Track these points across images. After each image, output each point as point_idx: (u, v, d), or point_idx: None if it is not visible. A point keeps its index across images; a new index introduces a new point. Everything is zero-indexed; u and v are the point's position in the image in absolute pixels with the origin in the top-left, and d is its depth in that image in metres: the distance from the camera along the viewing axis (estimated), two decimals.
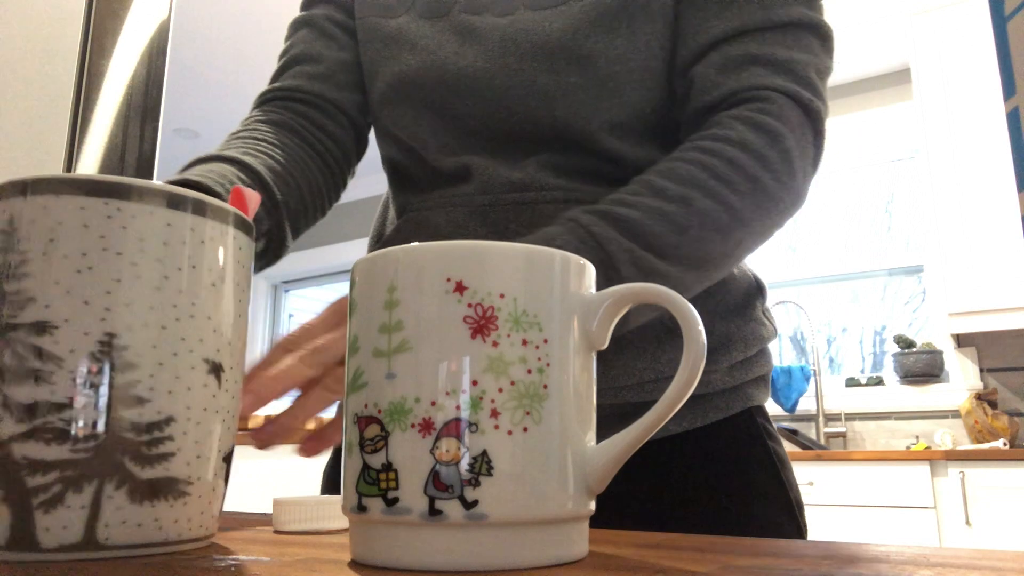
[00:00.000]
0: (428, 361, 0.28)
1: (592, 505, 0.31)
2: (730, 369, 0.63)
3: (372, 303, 0.30)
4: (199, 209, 0.33)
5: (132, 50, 1.26)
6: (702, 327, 0.31)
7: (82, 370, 0.29)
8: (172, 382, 0.31)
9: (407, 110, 0.66)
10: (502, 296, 0.29)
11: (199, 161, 0.59)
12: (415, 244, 0.30)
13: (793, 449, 2.88)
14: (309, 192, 0.67)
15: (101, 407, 0.30)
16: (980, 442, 2.79)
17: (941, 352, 3.10)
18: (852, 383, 3.29)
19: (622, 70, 0.60)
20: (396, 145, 0.70)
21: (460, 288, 0.29)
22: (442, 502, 0.28)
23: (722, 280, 0.64)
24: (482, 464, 0.28)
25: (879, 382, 3.24)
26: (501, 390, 0.28)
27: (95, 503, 0.29)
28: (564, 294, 0.30)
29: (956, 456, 2.49)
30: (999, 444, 2.65)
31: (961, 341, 3.08)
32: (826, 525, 2.60)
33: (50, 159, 1.14)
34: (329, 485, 0.72)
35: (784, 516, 0.62)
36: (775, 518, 0.62)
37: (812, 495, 2.62)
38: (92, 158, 1.18)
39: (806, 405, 3.28)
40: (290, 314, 5.14)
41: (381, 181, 0.77)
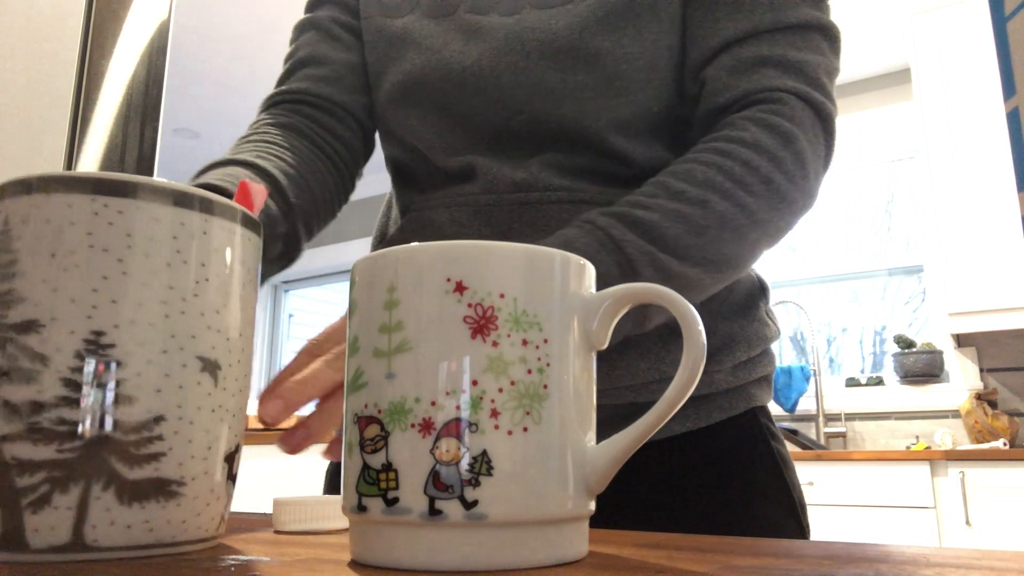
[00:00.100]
0: (428, 361, 0.28)
1: (592, 505, 0.31)
2: (733, 369, 0.63)
3: (372, 303, 0.30)
4: (188, 203, 0.32)
5: (132, 50, 1.26)
6: (702, 327, 0.31)
7: (67, 369, 0.29)
8: (161, 380, 0.31)
9: (412, 110, 0.66)
10: (502, 296, 0.29)
11: (214, 166, 0.59)
12: (415, 244, 0.30)
13: (793, 449, 2.88)
14: (321, 195, 0.67)
15: (86, 406, 0.29)
16: (980, 442, 2.79)
17: (941, 352, 3.11)
18: (852, 383, 3.29)
19: (629, 69, 0.60)
20: (400, 145, 0.70)
21: (460, 288, 0.29)
22: (442, 502, 0.28)
23: None
24: (482, 464, 0.28)
25: (879, 382, 3.24)
26: (501, 390, 0.28)
27: (82, 504, 0.29)
28: (564, 294, 0.30)
29: (956, 456, 2.49)
30: (999, 444, 2.65)
31: (961, 341, 3.08)
32: (826, 525, 2.61)
33: (50, 159, 1.14)
34: (332, 485, 0.72)
35: (787, 517, 0.62)
36: (778, 518, 0.62)
37: (812, 495, 2.63)
38: (92, 158, 1.18)
39: (806, 405, 3.28)
40: (290, 314, 5.14)
41: (381, 181, 0.77)
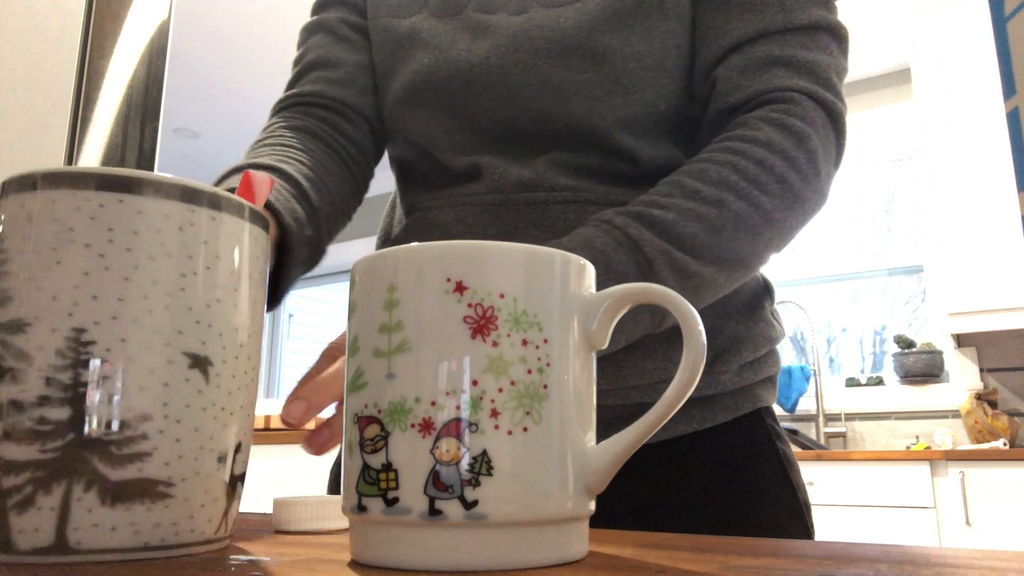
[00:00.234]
0: (428, 361, 0.28)
1: (592, 505, 0.31)
2: (739, 370, 0.63)
3: (372, 303, 0.30)
4: (173, 194, 0.31)
5: (132, 50, 1.26)
6: (702, 328, 0.31)
7: (49, 367, 0.29)
8: (145, 377, 0.30)
9: (419, 109, 0.66)
10: (502, 296, 0.29)
11: (236, 170, 0.59)
12: (415, 244, 0.30)
13: (793, 449, 2.88)
14: (339, 197, 0.66)
15: (68, 405, 0.29)
16: (980, 442, 2.79)
17: (941, 352, 3.11)
18: (852, 383, 3.29)
19: (637, 67, 0.60)
20: (407, 144, 0.70)
21: (460, 288, 0.29)
22: (442, 502, 0.28)
23: None
24: (482, 464, 0.28)
25: (879, 382, 3.24)
26: (501, 390, 0.28)
27: (64, 505, 0.28)
28: (564, 294, 0.30)
29: (956, 456, 2.49)
30: (999, 444, 2.65)
31: (961, 341, 3.08)
32: (826, 525, 2.61)
33: (50, 159, 1.14)
34: (336, 484, 0.72)
35: (792, 517, 0.62)
36: (783, 519, 0.62)
37: (812, 495, 2.63)
38: (92, 158, 1.18)
39: (806, 405, 3.28)
40: (290, 314, 5.14)
41: (383, 180, 0.77)
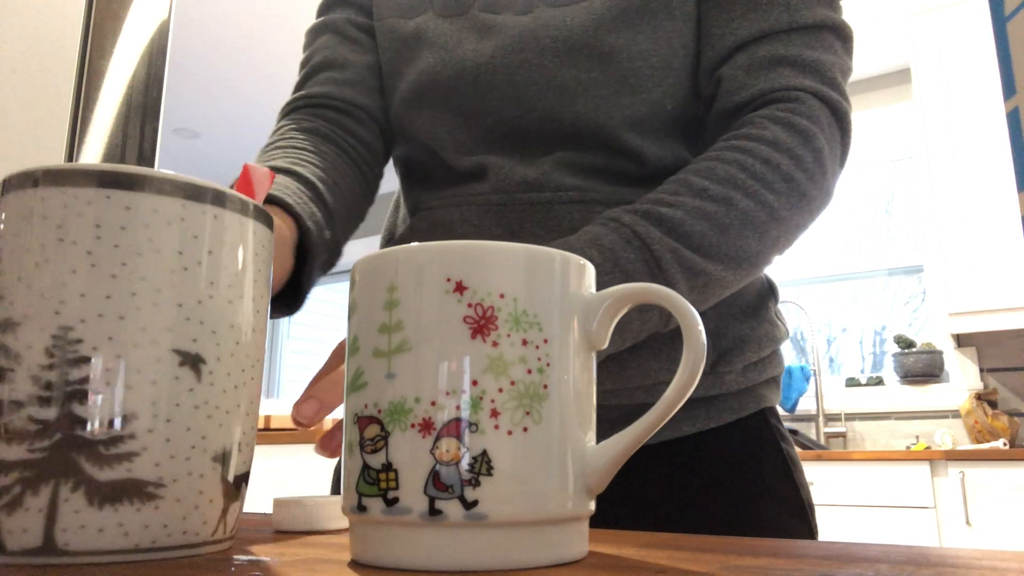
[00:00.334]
0: (428, 361, 0.28)
1: (592, 505, 0.31)
2: (744, 370, 0.63)
3: (372, 303, 0.30)
4: (160, 189, 0.31)
5: (132, 50, 1.26)
6: (702, 328, 0.31)
7: (37, 367, 0.28)
8: (132, 376, 0.29)
9: (425, 108, 0.66)
10: (502, 296, 0.29)
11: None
12: (415, 244, 0.30)
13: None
14: (352, 199, 0.66)
15: (55, 404, 0.28)
16: (980, 442, 2.79)
17: (941, 352, 3.11)
18: (852, 383, 3.29)
19: (643, 66, 0.60)
20: (412, 143, 0.70)
21: (460, 288, 0.29)
22: (442, 502, 0.28)
23: None
24: (482, 464, 0.28)
25: (879, 382, 3.24)
26: (501, 390, 0.28)
27: (52, 506, 0.28)
28: (564, 294, 0.30)
29: (956, 456, 2.49)
30: (999, 444, 2.65)
31: (961, 341, 3.08)
32: (826, 525, 2.61)
33: (50, 159, 1.14)
34: (339, 484, 0.72)
35: (796, 517, 0.62)
36: (787, 519, 0.62)
37: (812, 495, 2.62)
38: (92, 158, 1.18)
39: (806, 405, 3.28)
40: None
41: (383, 180, 0.77)
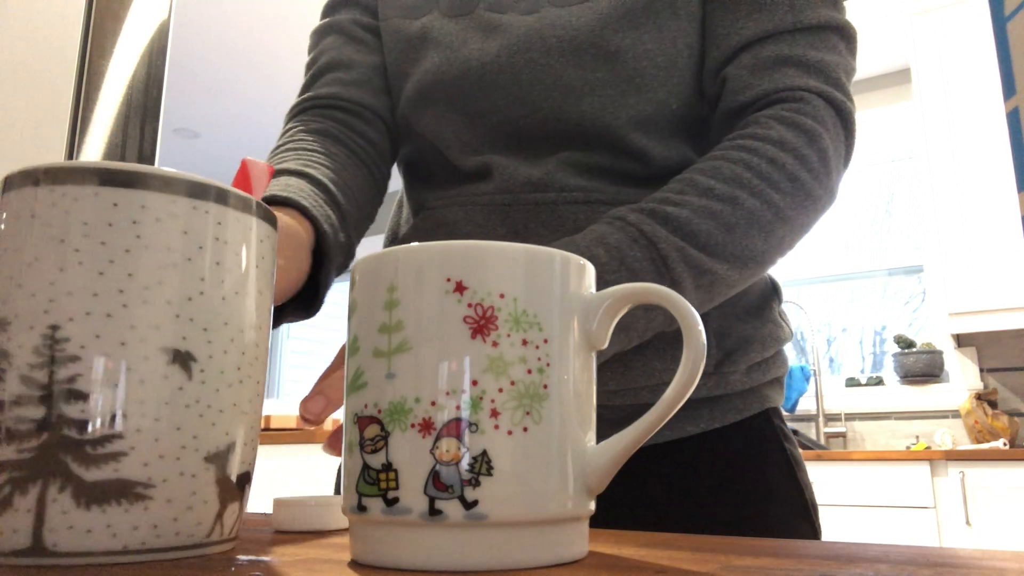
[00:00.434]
0: (428, 361, 0.28)
1: (592, 505, 0.31)
2: (748, 371, 0.63)
3: (372, 303, 0.30)
4: (148, 184, 0.30)
5: (132, 50, 1.26)
6: (702, 328, 0.31)
7: (27, 366, 0.28)
8: (120, 374, 0.29)
9: (430, 109, 0.66)
10: (502, 296, 0.29)
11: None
12: (415, 244, 0.30)
13: None
14: (363, 200, 0.66)
15: (43, 404, 0.28)
16: (980, 442, 2.79)
17: (941, 352, 3.11)
18: (852, 383, 3.29)
19: (649, 66, 0.61)
20: (417, 143, 0.70)
21: (460, 288, 0.29)
22: (442, 502, 0.28)
23: None
24: (482, 464, 0.28)
25: (879, 382, 3.24)
26: (501, 390, 0.28)
27: (39, 506, 0.28)
28: (564, 294, 0.30)
29: (956, 456, 2.49)
30: (999, 444, 2.65)
31: (961, 341, 3.08)
32: (826, 525, 2.61)
33: (50, 159, 1.14)
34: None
35: (800, 517, 0.63)
36: (791, 520, 0.62)
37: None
38: (92, 158, 1.18)
39: (806, 405, 3.28)
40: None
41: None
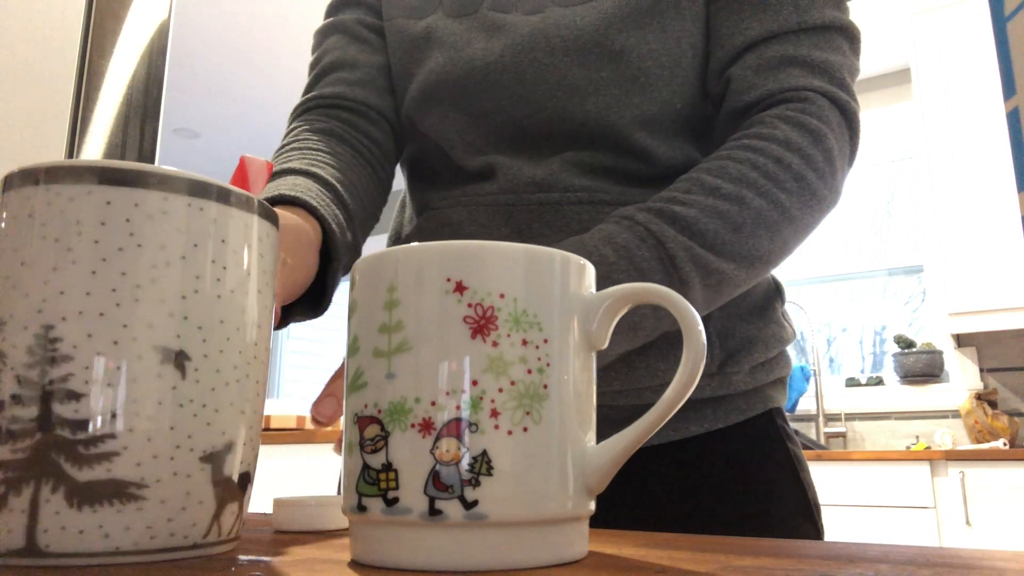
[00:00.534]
0: (428, 361, 0.28)
1: (592, 505, 0.31)
2: (751, 371, 0.63)
3: (372, 303, 0.30)
4: (141, 182, 0.30)
5: (132, 50, 1.26)
6: (702, 328, 0.31)
7: (21, 366, 0.28)
8: (112, 373, 0.29)
9: (435, 109, 0.66)
10: (502, 296, 0.29)
11: (273, 176, 0.58)
12: (415, 244, 0.30)
13: None
14: (368, 200, 0.66)
15: (36, 404, 0.28)
16: (980, 442, 2.79)
17: (941, 352, 3.11)
18: (852, 383, 3.29)
19: (653, 65, 0.61)
20: (421, 143, 0.70)
21: (460, 288, 0.29)
22: (442, 502, 0.28)
23: None
24: (482, 464, 0.28)
25: (879, 382, 3.24)
26: (501, 390, 0.28)
27: (33, 507, 0.28)
28: (564, 294, 0.30)
29: (956, 456, 2.49)
30: (999, 444, 2.65)
31: (961, 341, 3.08)
32: (826, 525, 2.60)
33: (50, 159, 1.14)
34: None
35: (803, 518, 0.63)
36: (794, 519, 0.62)
37: None
38: (92, 158, 1.18)
39: (806, 405, 3.28)
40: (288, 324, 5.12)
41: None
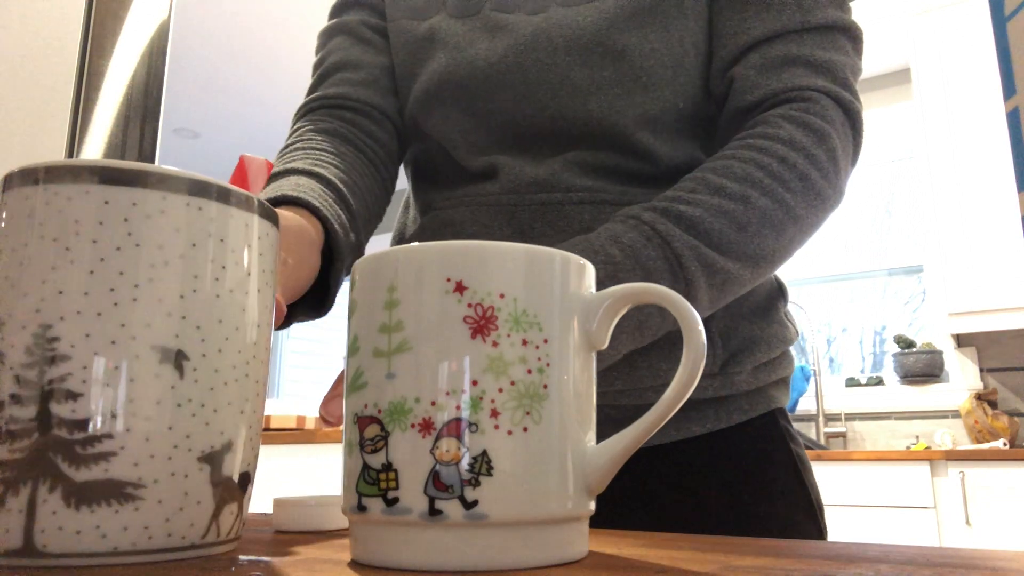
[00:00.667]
0: (428, 361, 0.28)
1: (592, 505, 0.31)
2: (754, 371, 0.63)
3: (372, 303, 0.30)
4: (139, 181, 0.30)
5: (132, 50, 1.26)
6: (702, 328, 0.31)
7: (19, 366, 0.28)
8: (110, 373, 0.29)
9: (438, 109, 0.66)
10: (502, 296, 0.29)
11: (274, 176, 0.59)
12: (415, 244, 0.30)
13: None
14: (372, 200, 0.66)
15: (34, 404, 0.28)
16: (980, 442, 2.79)
17: (941, 352, 3.11)
18: (852, 383, 3.29)
19: (655, 65, 0.61)
20: (424, 144, 0.70)
21: (460, 288, 0.29)
22: (442, 502, 0.28)
23: None
24: (482, 464, 0.28)
25: (879, 382, 3.24)
26: (501, 390, 0.28)
27: (30, 507, 0.28)
28: (564, 294, 0.30)
29: (956, 456, 2.49)
30: (999, 444, 2.65)
31: (961, 341, 3.08)
32: (827, 525, 2.60)
33: (50, 159, 1.14)
34: None
35: (805, 518, 0.63)
36: (796, 520, 0.62)
37: None
38: (92, 158, 1.18)
39: (806, 405, 3.28)
40: (291, 324, 5.12)
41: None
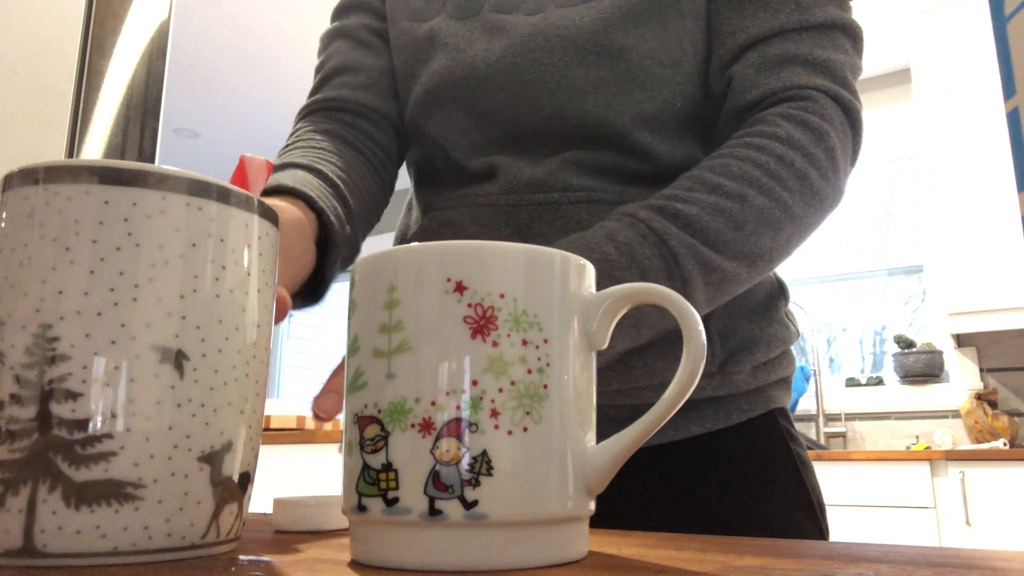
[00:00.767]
0: (428, 361, 0.28)
1: (592, 505, 0.31)
2: (753, 371, 0.63)
3: (372, 303, 0.30)
4: (139, 181, 0.30)
5: (132, 50, 1.26)
6: (702, 328, 0.31)
7: (19, 366, 0.28)
8: (110, 373, 0.29)
9: (438, 110, 0.66)
10: (502, 296, 0.29)
11: (276, 169, 0.59)
12: (415, 244, 0.30)
13: None
14: (370, 199, 0.67)
15: (34, 404, 0.28)
16: (980, 442, 2.79)
17: (941, 352, 3.11)
18: (852, 383, 3.29)
19: (653, 64, 0.61)
20: (425, 146, 0.70)
21: (460, 288, 0.29)
22: (442, 502, 0.28)
23: None
24: (482, 464, 0.28)
25: (879, 382, 3.24)
26: (501, 390, 0.28)
27: (30, 507, 0.28)
28: (564, 294, 0.30)
29: (956, 456, 2.49)
30: (999, 444, 2.65)
31: (961, 341, 3.08)
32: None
33: (50, 159, 1.14)
34: None
35: (806, 518, 0.62)
36: (797, 520, 0.62)
37: None
38: (92, 158, 1.18)
39: (806, 405, 3.28)
40: (290, 313, 5.13)
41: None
